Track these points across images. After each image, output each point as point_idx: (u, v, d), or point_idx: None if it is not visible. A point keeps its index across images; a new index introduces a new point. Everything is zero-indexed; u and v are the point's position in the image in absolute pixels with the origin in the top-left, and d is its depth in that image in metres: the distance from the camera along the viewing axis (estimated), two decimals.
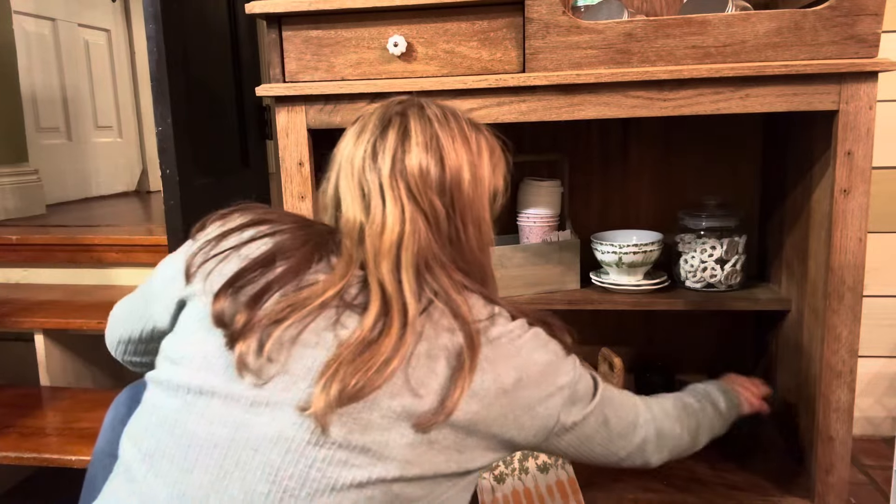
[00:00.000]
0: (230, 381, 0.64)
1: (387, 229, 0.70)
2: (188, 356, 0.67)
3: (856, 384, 1.15)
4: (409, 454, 0.64)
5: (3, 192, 2.43)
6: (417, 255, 0.70)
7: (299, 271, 0.69)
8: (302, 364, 0.64)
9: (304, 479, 0.61)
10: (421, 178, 0.72)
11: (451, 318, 0.69)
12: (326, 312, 0.66)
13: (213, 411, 0.64)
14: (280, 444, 0.62)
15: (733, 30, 1.09)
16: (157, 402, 0.68)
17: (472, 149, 0.77)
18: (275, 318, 0.64)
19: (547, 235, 1.44)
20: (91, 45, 3.17)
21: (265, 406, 0.63)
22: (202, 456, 0.63)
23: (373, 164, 0.73)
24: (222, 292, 0.67)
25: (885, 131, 1.59)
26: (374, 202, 0.72)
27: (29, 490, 1.69)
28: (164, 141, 1.57)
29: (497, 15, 1.13)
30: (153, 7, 1.53)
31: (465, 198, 0.75)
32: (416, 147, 0.73)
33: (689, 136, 1.52)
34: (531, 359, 0.73)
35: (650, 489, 1.26)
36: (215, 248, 0.73)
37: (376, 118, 0.77)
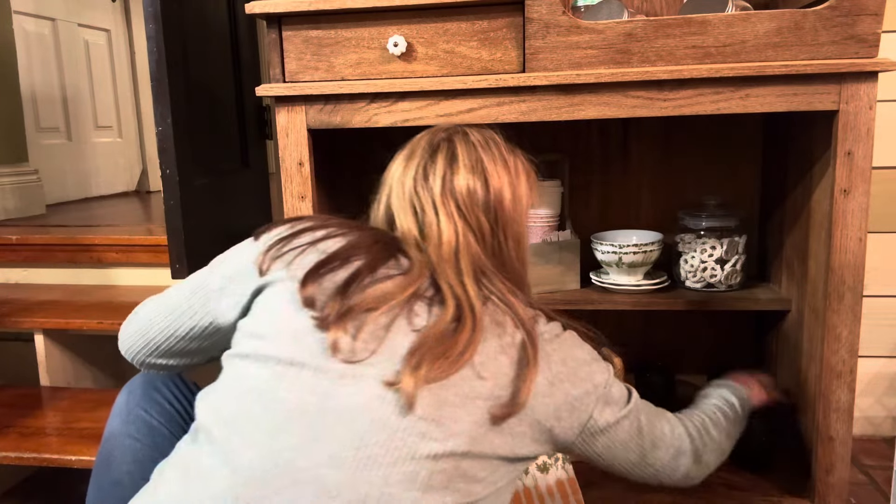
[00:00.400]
0: (319, 356, 0.70)
1: (444, 241, 0.79)
2: (276, 332, 0.73)
3: (856, 384, 1.15)
4: (474, 432, 0.70)
5: (3, 192, 2.43)
6: (472, 263, 0.79)
7: (376, 266, 0.76)
8: (389, 347, 0.71)
9: (388, 447, 0.67)
10: (469, 197, 0.81)
11: (509, 317, 0.76)
12: (409, 305, 0.73)
13: (304, 381, 0.69)
14: (366, 414, 0.67)
15: (733, 30, 1.09)
16: (242, 373, 0.73)
17: (510, 171, 0.85)
18: (366, 307, 0.71)
19: (547, 235, 1.44)
20: (91, 45, 3.17)
21: (352, 379, 0.69)
22: (290, 422, 0.68)
23: (424, 184, 0.82)
24: (310, 278, 0.74)
25: (885, 131, 1.59)
26: (428, 218, 0.81)
27: (29, 490, 1.69)
28: (164, 141, 1.57)
29: (497, 15, 1.13)
30: (153, 7, 1.53)
31: (506, 215, 0.83)
32: (463, 169, 0.82)
33: (689, 136, 1.52)
34: (571, 354, 0.80)
35: (650, 490, 1.26)
36: (289, 243, 0.79)
37: (425, 144, 0.86)
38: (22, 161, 2.52)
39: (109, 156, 3.30)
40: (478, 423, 0.70)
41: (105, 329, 1.64)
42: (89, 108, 3.16)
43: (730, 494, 1.23)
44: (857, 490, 1.51)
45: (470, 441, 0.69)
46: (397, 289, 0.73)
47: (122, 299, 1.81)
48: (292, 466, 0.66)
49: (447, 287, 0.76)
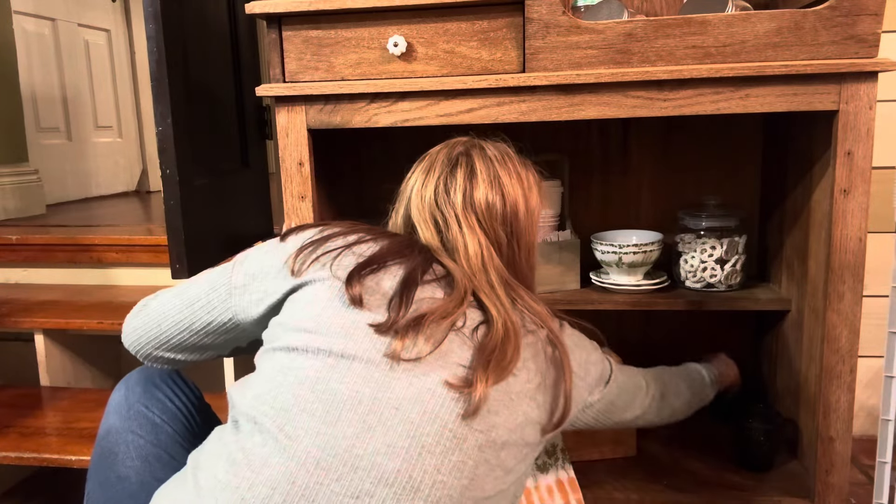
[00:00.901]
0: (370, 350, 0.73)
1: (471, 254, 0.83)
2: (325, 326, 0.75)
3: (856, 384, 1.15)
4: (510, 423, 0.75)
5: (3, 192, 2.43)
6: (497, 273, 0.83)
7: (421, 274, 0.80)
8: (445, 352, 0.75)
9: (439, 437, 0.70)
10: (488, 210, 0.86)
11: (538, 324, 0.83)
12: (462, 316, 0.78)
13: (356, 373, 0.72)
14: (419, 405, 0.71)
15: (733, 30, 1.09)
16: (292, 365, 0.74)
17: (524, 184, 0.89)
18: (427, 315, 0.75)
19: (547, 235, 1.44)
20: (91, 45, 3.17)
21: (404, 373, 0.72)
22: (346, 411, 0.70)
23: (446, 198, 0.86)
24: (353, 278, 0.77)
25: (885, 131, 1.59)
26: (452, 231, 0.85)
27: (29, 490, 1.69)
28: (164, 141, 1.57)
29: (497, 15, 1.13)
30: (153, 7, 1.53)
31: (521, 226, 0.88)
32: (482, 184, 0.86)
33: (689, 136, 1.52)
34: (584, 357, 0.92)
35: (650, 489, 1.26)
36: (322, 246, 0.82)
37: (444, 158, 0.89)
38: (22, 161, 2.52)
39: (109, 156, 3.30)
40: (514, 415, 0.76)
41: (105, 329, 1.64)
42: (89, 108, 3.16)
43: (730, 494, 1.23)
44: (857, 490, 1.51)
45: (508, 433, 0.75)
46: (453, 302, 0.78)
47: (122, 299, 1.81)
48: (350, 454, 0.69)
49: (487, 299, 0.80)
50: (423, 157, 0.93)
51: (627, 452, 1.37)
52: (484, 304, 0.80)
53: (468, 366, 0.75)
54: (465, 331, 0.77)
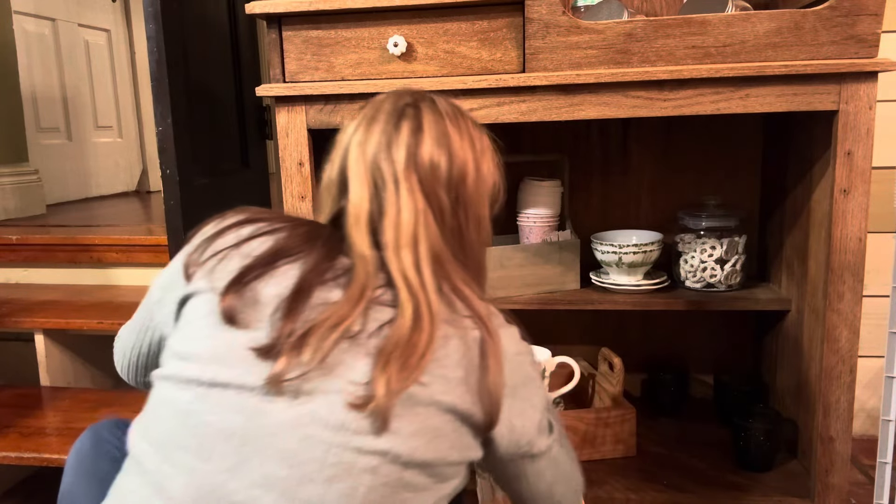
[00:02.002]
0: (245, 375, 0.66)
1: (403, 220, 0.72)
2: (197, 351, 0.69)
3: (856, 384, 1.15)
4: (416, 440, 0.66)
5: (3, 192, 2.43)
6: (431, 247, 0.73)
7: (319, 275, 0.70)
8: (329, 363, 0.66)
9: (322, 463, 0.63)
10: (431, 172, 0.75)
11: (467, 313, 0.72)
12: (362, 317, 0.68)
13: (228, 401, 0.65)
14: (298, 431, 0.64)
15: (733, 30, 1.09)
16: (167, 397, 0.69)
17: (476, 147, 0.79)
18: (316, 328, 0.66)
19: (547, 235, 1.44)
20: (91, 45, 3.17)
21: (284, 396, 0.65)
22: (219, 444, 0.64)
23: (388, 154, 0.75)
24: (230, 290, 0.69)
25: (885, 131, 1.59)
26: (388, 192, 0.74)
27: (29, 490, 1.69)
28: (164, 141, 1.57)
29: (497, 15, 1.13)
30: (153, 7, 1.53)
31: (468, 194, 0.78)
32: (429, 141, 0.76)
33: (689, 136, 1.52)
34: (524, 373, 0.76)
35: (650, 489, 1.26)
36: (212, 245, 0.74)
37: (389, 107, 0.78)
38: (22, 161, 2.52)
39: (109, 156, 3.30)
40: (420, 430, 0.66)
41: (105, 329, 1.64)
42: (89, 108, 3.16)
43: (730, 494, 1.23)
44: (857, 490, 1.51)
45: (412, 448, 0.66)
46: (347, 304, 0.68)
47: (122, 299, 1.81)
48: (224, 489, 0.63)
49: (401, 280, 0.70)
50: (365, 104, 0.82)
51: (627, 452, 1.37)
52: (397, 288, 0.70)
53: (361, 380, 0.65)
54: (363, 335, 0.67)
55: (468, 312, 0.72)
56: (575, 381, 1.40)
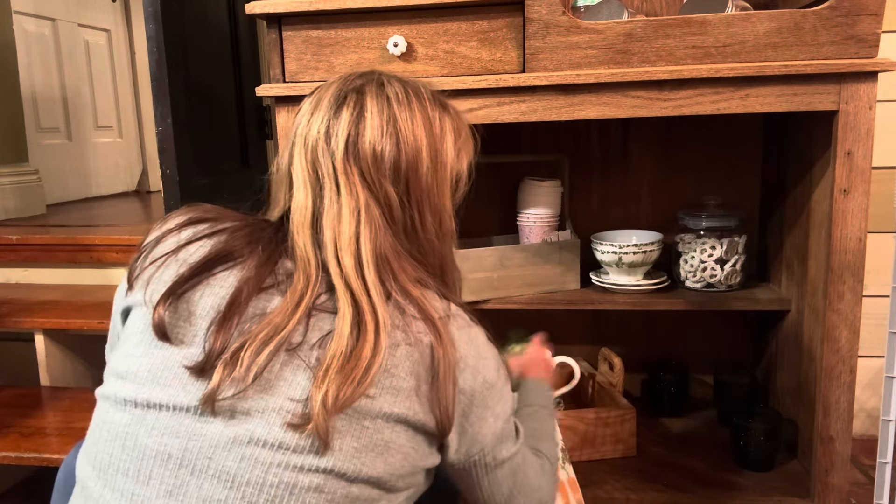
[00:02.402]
0: (180, 394, 0.63)
1: (343, 220, 0.68)
2: (133, 370, 0.66)
3: (856, 384, 1.15)
4: (363, 456, 0.63)
5: (3, 192, 2.43)
6: (375, 247, 0.68)
7: (257, 283, 0.66)
8: (267, 379, 0.63)
9: (262, 484, 0.61)
10: (374, 163, 0.69)
11: (417, 317, 0.67)
12: (301, 326, 0.64)
13: (164, 423, 0.63)
14: (235, 451, 0.61)
15: (733, 30, 1.09)
16: (106, 418, 0.66)
17: (433, 131, 0.73)
18: (250, 342, 0.62)
19: (547, 235, 1.44)
20: (91, 45, 3.17)
21: (219, 416, 0.62)
22: (156, 467, 0.62)
23: (326, 145, 0.69)
24: (162, 303, 0.65)
25: (885, 131, 1.59)
26: (327, 187, 0.69)
27: (29, 490, 1.69)
28: (164, 141, 1.57)
29: (497, 15, 1.13)
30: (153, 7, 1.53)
31: (422, 184, 0.72)
32: (371, 129, 0.70)
33: (689, 136, 1.52)
34: (484, 374, 0.70)
35: (650, 489, 1.26)
36: (153, 251, 0.70)
37: (332, 94, 0.73)
38: (22, 161, 2.52)
39: (109, 156, 3.29)
40: (367, 446, 0.63)
41: (105, 329, 1.63)
42: (89, 108, 3.16)
43: (730, 494, 1.23)
44: (857, 490, 1.51)
45: (358, 465, 0.62)
46: (282, 314, 0.64)
47: None
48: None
49: (343, 286, 0.65)
50: (314, 89, 0.76)
51: (627, 452, 1.37)
52: (338, 296, 0.65)
53: (300, 397, 0.62)
54: (305, 347, 0.63)
55: (418, 316, 0.66)
56: (575, 381, 1.40)
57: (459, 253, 1.35)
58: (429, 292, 0.70)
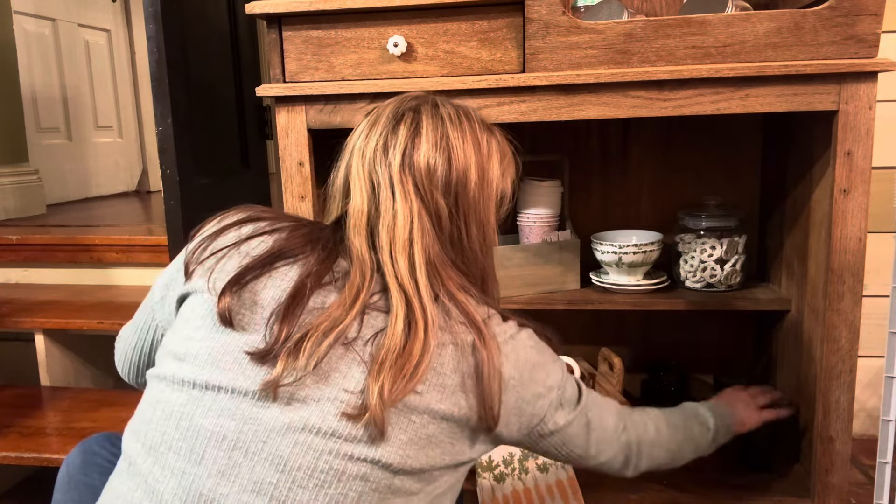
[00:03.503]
0: (239, 378, 0.66)
1: (398, 224, 0.73)
2: (193, 352, 0.68)
3: (856, 384, 1.15)
4: (408, 449, 0.66)
5: (4, 192, 2.43)
6: (426, 253, 0.72)
7: (317, 278, 0.70)
8: (324, 369, 0.66)
9: (312, 469, 0.64)
10: (427, 175, 0.74)
11: (461, 320, 0.71)
12: (356, 322, 0.68)
13: (221, 405, 0.66)
14: (289, 437, 0.64)
15: (733, 30, 1.09)
16: (160, 398, 0.69)
17: (481, 151, 0.78)
18: (311, 333, 0.66)
19: (547, 235, 1.44)
20: (91, 45, 3.17)
21: (277, 401, 0.65)
22: (210, 447, 0.65)
23: (384, 157, 0.75)
24: (227, 291, 0.68)
25: (885, 131, 1.59)
26: (383, 195, 0.74)
27: (29, 490, 1.69)
28: (164, 141, 1.57)
29: (497, 15, 1.13)
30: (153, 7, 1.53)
31: (470, 199, 0.77)
32: (426, 144, 0.75)
33: (689, 136, 1.52)
34: (525, 358, 0.75)
35: (650, 489, 1.26)
36: (213, 243, 0.74)
37: (390, 112, 0.79)
38: (22, 161, 2.52)
39: (109, 156, 3.30)
40: (412, 441, 0.66)
41: (105, 329, 1.64)
42: (89, 108, 3.16)
43: (730, 494, 1.23)
44: (857, 490, 1.51)
45: (403, 458, 0.66)
46: (341, 307, 0.68)
47: (122, 299, 1.81)
48: (215, 493, 0.63)
49: (396, 285, 0.70)
50: (371, 109, 0.83)
51: None
52: (391, 294, 0.70)
53: (355, 389, 0.66)
54: (359, 342, 0.67)
55: (462, 319, 0.71)
56: None
57: None
58: (471, 299, 0.74)
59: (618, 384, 1.42)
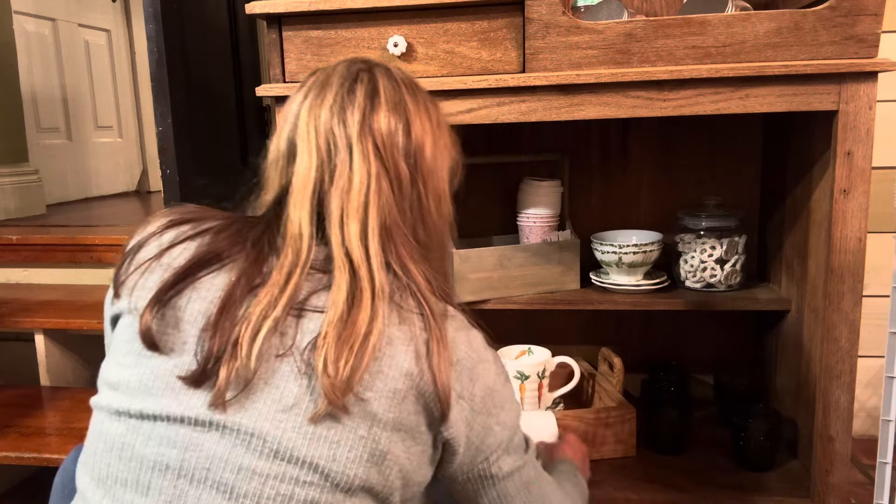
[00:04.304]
0: (172, 405, 0.62)
1: (354, 187, 0.68)
2: (124, 380, 0.65)
3: (856, 384, 1.15)
4: (357, 467, 0.62)
5: (4, 192, 2.43)
6: (382, 218, 0.68)
7: (253, 274, 0.65)
8: (263, 377, 0.62)
9: (259, 496, 0.60)
10: (389, 137, 0.71)
11: (416, 310, 0.66)
12: (282, 319, 0.63)
13: (160, 433, 0.62)
14: (231, 462, 0.61)
15: (733, 30, 1.09)
16: (101, 429, 0.66)
17: (433, 121, 0.76)
18: (238, 335, 0.62)
19: (547, 235, 1.44)
20: (91, 45, 3.17)
21: (215, 423, 0.61)
22: (155, 477, 0.61)
23: (341, 117, 0.70)
24: (148, 311, 0.64)
25: (885, 131, 1.59)
26: (341, 157, 0.69)
27: (29, 490, 1.69)
28: (164, 141, 1.57)
29: (497, 15, 1.13)
30: (153, 7, 1.53)
31: (427, 165, 0.73)
32: (385, 106, 0.72)
33: (689, 136, 1.52)
34: (486, 378, 0.69)
35: (650, 489, 1.26)
36: (136, 257, 0.70)
37: (342, 72, 0.74)
38: (22, 161, 2.52)
39: (109, 156, 3.29)
40: (363, 455, 0.62)
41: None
42: (89, 109, 3.16)
43: (730, 494, 1.23)
44: (857, 490, 1.51)
45: (354, 475, 0.61)
46: (267, 296, 0.63)
47: None
48: None
49: (342, 253, 0.65)
50: (314, 71, 0.77)
51: (627, 452, 1.37)
52: (334, 264, 0.65)
53: (294, 400, 0.61)
54: (296, 348, 0.62)
55: (418, 309, 0.66)
56: (575, 381, 1.40)
57: (459, 253, 1.35)
58: (429, 284, 0.69)
59: (618, 384, 1.43)
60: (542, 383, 1.35)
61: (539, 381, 1.34)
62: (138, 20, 3.34)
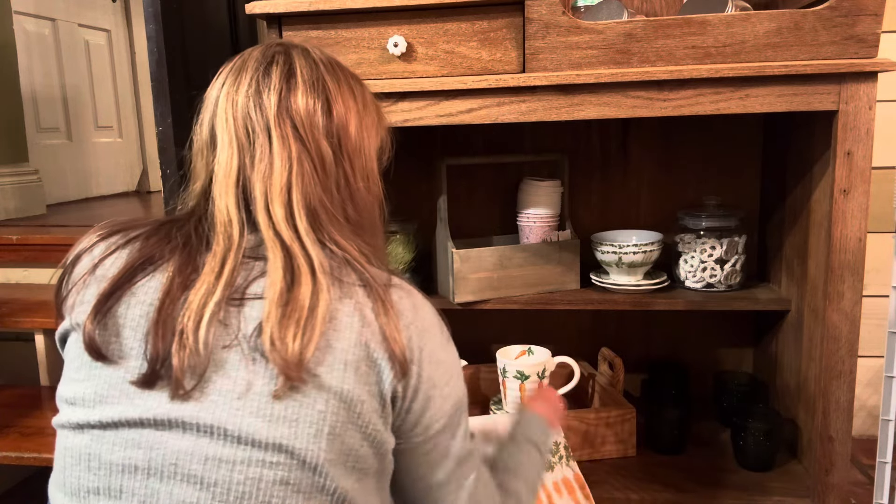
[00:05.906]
0: (129, 410, 0.63)
1: (275, 171, 0.68)
2: (80, 395, 0.66)
3: (856, 384, 1.15)
4: (321, 442, 0.62)
5: (4, 192, 2.43)
6: (307, 199, 0.68)
7: (188, 272, 0.66)
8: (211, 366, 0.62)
9: (229, 482, 0.61)
10: (308, 117, 0.70)
11: (357, 281, 0.66)
12: (220, 306, 0.63)
13: (124, 437, 0.63)
14: (197, 453, 0.61)
15: (733, 30, 1.09)
16: (66, 444, 0.67)
17: (356, 97, 0.75)
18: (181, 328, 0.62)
19: (547, 235, 1.44)
20: (91, 45, 3.17)
21: (174, 423, 0.62)
22: (125, 480, 0.62)
23: (258, 101, 0.70)
24: (90, 323, 0.65)
25: (885, 131, 1.59)
26: (259, 142, 0.69)
27: (29, 490, 1.69)
28: (164, 141, 1.57)
29: (497, 15, 1.13)
30: (153, 7, 1.53)
31: (352, 143, 0.73)
32: (302, 86, 0.71)
33: (689, 136, 1.52)
34: (431, 346, 0.68)
35: (650, 489, 1.26)
36: (71, 275, 0.71)
37: (258, 55, 0.73)
38: (22, 161, 2.52)
39: (110, 156, 3.30)
40: (324, 430, 0.62)
41: None
42: (89, 108, 3.16)
43: (730, 494, 1.23)
44: (857, 490, 1.51)
45: (318, 451, 0.62)
46: (209, 287, 0.63)
47: None
48: None
49: (271, 235, 0.66)
50: (232, 58, 0.76)
51: (627, 452, 1.37)
52: (266, 250, 0.65)
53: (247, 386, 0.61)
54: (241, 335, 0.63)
55: (360, 281, 0.66)
56: (575, 381, 1.40)
57: (459, 253, 1.35)
58: (366, 260, 0.69)
59: (618, 384, 1.43)
60: (542, 383, 1.35)
61: (539, 381, 1.34)
62: (138, 20, 3.34)
